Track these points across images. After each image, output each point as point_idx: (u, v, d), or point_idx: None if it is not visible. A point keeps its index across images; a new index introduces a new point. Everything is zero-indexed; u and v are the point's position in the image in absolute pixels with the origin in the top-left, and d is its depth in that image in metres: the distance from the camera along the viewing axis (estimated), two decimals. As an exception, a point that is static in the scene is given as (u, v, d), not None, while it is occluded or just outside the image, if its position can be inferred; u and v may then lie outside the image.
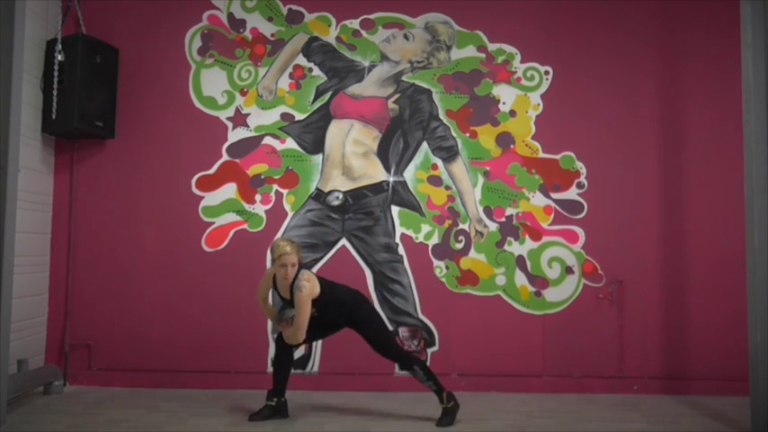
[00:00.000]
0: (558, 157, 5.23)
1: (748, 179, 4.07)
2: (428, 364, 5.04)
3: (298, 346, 4.24)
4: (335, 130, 5.21)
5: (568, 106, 5.23)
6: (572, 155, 5.22)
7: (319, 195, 5.17)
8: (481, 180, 5.20)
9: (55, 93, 4.78)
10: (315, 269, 5.05)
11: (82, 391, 4.93)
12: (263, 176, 5.19)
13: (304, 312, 4.01)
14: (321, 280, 4.14)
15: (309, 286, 4.03)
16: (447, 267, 5.16)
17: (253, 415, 4.22)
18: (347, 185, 5.17)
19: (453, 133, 5.22)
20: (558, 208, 5.20)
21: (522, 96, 5.25)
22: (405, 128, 5.22)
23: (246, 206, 5.16)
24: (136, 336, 5.08)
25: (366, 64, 5.26)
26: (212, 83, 5.22)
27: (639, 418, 4.43)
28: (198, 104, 5.21)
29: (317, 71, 5.25)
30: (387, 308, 5.08)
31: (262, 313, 5.05)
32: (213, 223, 5.15)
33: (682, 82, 5.25)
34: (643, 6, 5.28)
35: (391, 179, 5.19)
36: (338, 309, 4.16)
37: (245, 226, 5.15)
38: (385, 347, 4.23)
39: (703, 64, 5.24)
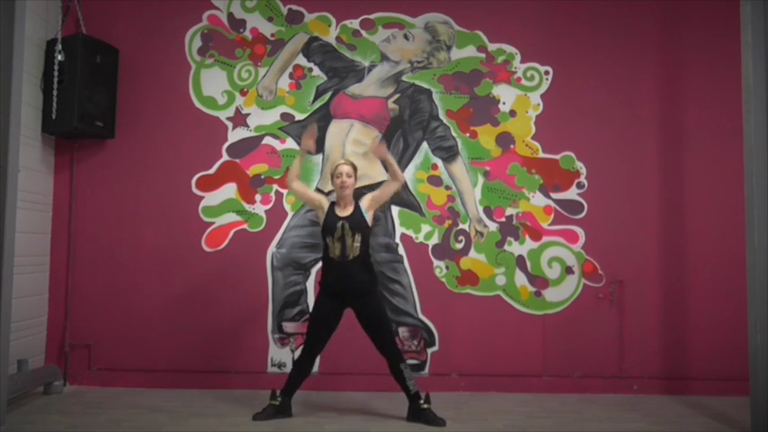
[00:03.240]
0: (558, 157, 5.23)
1: (748, 179, 4.07)
2: (428, 363, 5.07)
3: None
4: (335, 130, 5.21)
5: (568, 106, 5.23)
6: (572, 155, 5.22)
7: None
8: (481, 180, 5.20)
9: (55, 93, 4.78)
10: (315, 269, 5.05)
11: (82, 391, 4.93)
12: (263, 176, 5.19)
13: (377, 192, 4.31)
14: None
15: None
16: (447, 267, 5.16)
17: (256, 414, 4.22)
18: (347, 185, 5.17)
19: (453, 133, 5.22)
20: (558, 208, 5.20)
21: (522, 96, 5.25)
22: (405, 128, 5.22)
23: (246, 206, 5.16)
24: (136, 336, 5.08)
25: (366, 64, 5.26)
26: (212, 83, 5.22)
27: (639, 418, 4.43)
28: (198, 104, 5.21)
29: (317, 71, 5.25)
30: (387, 308, 5.06)
31: (262, 313, 5.08)
32: (213, 223, 5.15)
33: (682, 82, 5.25)
34: (643, 6, 5.29)
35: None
36: (367, 266, 4.21)
37: (245, 226, 5.15)
38: (388, 337, 4.23)
39: (703, 64, 5.24)
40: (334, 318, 4.22)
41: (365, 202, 4.24)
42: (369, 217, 4.23)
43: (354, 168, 4.28)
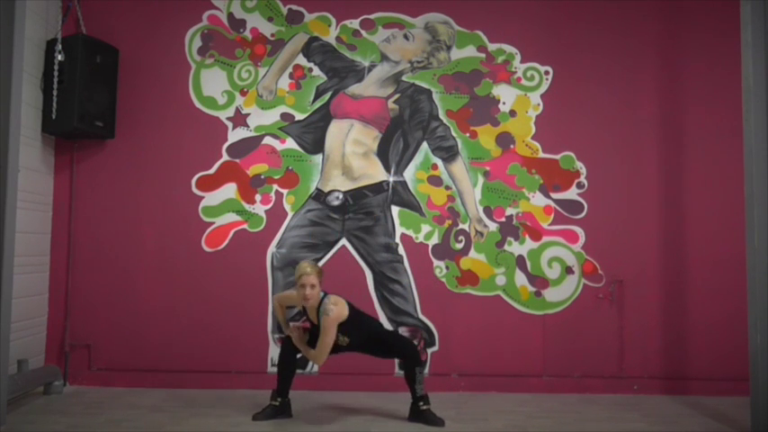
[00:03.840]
0: (558, 157, 5.23)
1: (748, 179, 4.07)
2: (428, 363, 5.07)
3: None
4: (335, 130, 5.21)
5: (568, 106, 5.23)
6: (572, 155, 5.22)
7: (319, 195, 5.17)
8: (481, 180, 5.20)
9: (55, 93, 4.78)
10: (315, 269, 5.05)
11: (82, 391, 4.93)
12: (263, 176, 5.19)
13: (328, 336, 4.03)
14: (349, 305, 4.14)
15: (337, 310, 4.04)
16: (447, 267, 5.16)
17: (256, 414, 4.23)
18: (347, 185, 5.17)
19: (453, 133, 5.22)
20: (558, 208, 5.20)
21: (522, 96, 5.25)
22: (405, 128, 5.22)
23: (246, 206, 5.16)
24: (136, 336, 5.08)
25: (366, 64, 5.26)
26: (212, 83, 5.22)
27: (639, 418, 4.43)
28: (198, 104, 5.21)
29: (317, 71, 5.25)
30: (387, 308, 5.09)
31: (262, 313, 5.08)
32: (213, 223, 5.15)
33: (682, 82, 5.25)
34: (643, 6, 5.29)
35: (391, 179, 5.19)
36: (361, 330, 4.19)
37: (245, 226, 5.15)
38: (408, 344, 4.34)
39: (703, 64, 5.24)
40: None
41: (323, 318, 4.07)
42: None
43: (321, 275, 4.07)
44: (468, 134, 5.22)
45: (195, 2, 5.26)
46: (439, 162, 5.21)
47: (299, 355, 4.27)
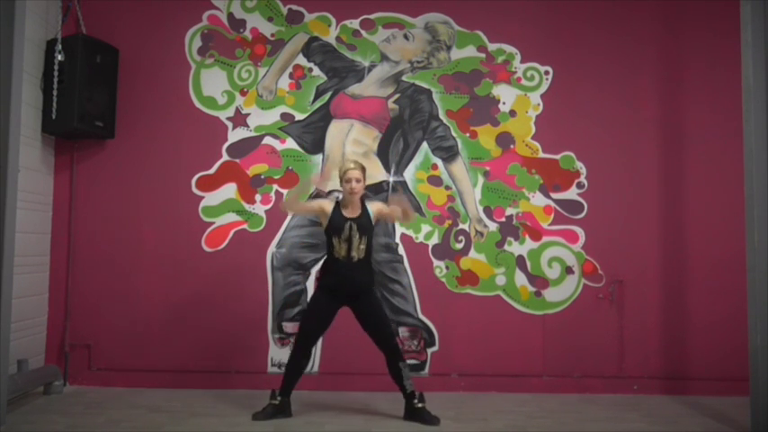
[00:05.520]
0: (558, 157, 5.23)
1: (748, 179, 4.07)
2: (428, 363, 5.07)
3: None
4: (335, 131, 5.21)
5: (568, 106, 5.23)
6: (572, 155, 5.23)
7: (319, 196, 5.16)
8: (481, 180, 5.20)
9: (55, 93, 4.77)
10: (315, 269, 5.05)
11: (82, 391, 4.93)
12: (263, 176, 5.19)
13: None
14: None
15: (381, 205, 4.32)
16: (447, 267, 5.16)
17: (256, 414, 4.23)
18: (347, 185, 5.17)
19: (453, 133, 5.22)
20: (558, 208, 5.20)
21: (522, 96, 5.25)
22: (405, 128, 5.22)
23: (246, 206, 5.16)
24: (136, 336, 5.08)
25: (366, 64, 5.26)
26: (212, 83, 5.22)
27: (639, 418, 4.43)
28: (198, 104, 5.21)
29: (317, 71, 5.25)
30: (387, 308, 5.05)
31: (262, 313, 5.08)
32: (213, 223, 5.15)
33: (682, 82, 5.25)
34: (643, 6, 5.29)
35: (391, 179, 5.19)
36: (371, 269, 4.27)
37: (245, 226, 5.15)
38: (388, 333, 4.25)
39: (704, 64, 5.24)
40: (330, 316, 4.23)
41: (374, 208, 4.26)
42: (373, 222, 4.25)
43: (364, 171, 4.25)
44: (468, 134, 5.22)
45: (195, 2, 5.26)
46: (439, 162, 5.21)
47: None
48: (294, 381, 4.27)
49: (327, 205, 4.28)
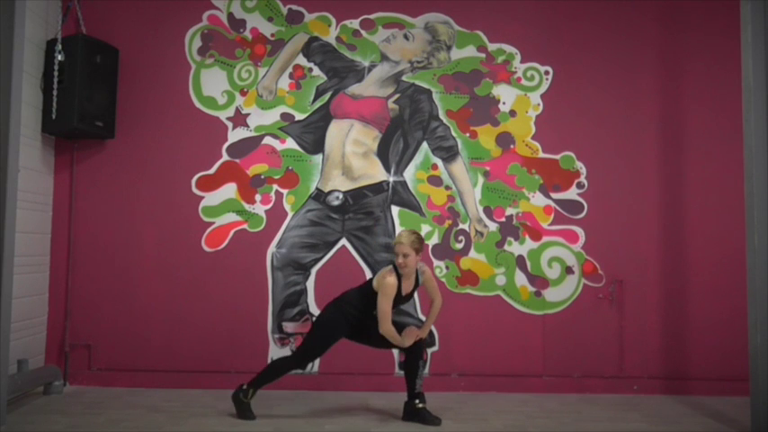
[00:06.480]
0: (558, 157, 5.23)
1: (748, 179, 4.07)
2: (428, 363, 5.07)
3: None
4: (335, 131, 5.21)
5: (568, 106, 5.23)
6: (572, 155, 5.22)
7: (319, 195, 5.17)
8: (481, 180, 5.20)
9: (55, 93, 4.77)
10: (315, 269, 5.06)
11: (82, 391, 4.93)
12: (263, 176, 5.19)
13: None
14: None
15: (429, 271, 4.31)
16: (447, 267, 5.16)
17: (242, 414, 4.23)
18: (347, 185, 5.17)
19: (453, 133, 5.22)
20: (558, 208, 5.20)
21: (522, 96, 5.25)
22: (405, 128, 5.22)
23: (246, 206, 5.16)
24: (136, 336, 5.08)
25: (366, 64, 5.26)
26: (212, 83, 5.22)
27: (639, 418, 4.43)
28: (198, 104, 5.21)
29: (317, 71, 5.25)
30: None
31: (262, 313, 5.07)
32: (213, 223, 5.15)
33: (682, 82, 5.25)
34: (643, 6, 5.29)
35: (391, 179, 5.19)
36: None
37: (245, 226, 5.15)
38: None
39: (703, 64, 5.24)
40: (339, 338, 4.24)
41: (424, 277, 4.26)
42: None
43: (418, 241, 4.07)
44: (468, 134, 5.22)
45: (195, 2, 5.26)
46: (439, 162, 5.21)
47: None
48: (274, 381, 4.26)
49: (394, 288, 4.06)
